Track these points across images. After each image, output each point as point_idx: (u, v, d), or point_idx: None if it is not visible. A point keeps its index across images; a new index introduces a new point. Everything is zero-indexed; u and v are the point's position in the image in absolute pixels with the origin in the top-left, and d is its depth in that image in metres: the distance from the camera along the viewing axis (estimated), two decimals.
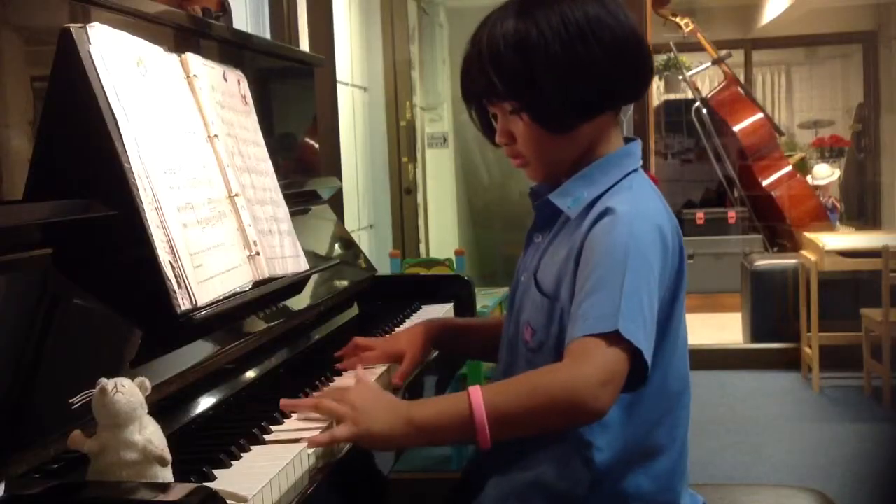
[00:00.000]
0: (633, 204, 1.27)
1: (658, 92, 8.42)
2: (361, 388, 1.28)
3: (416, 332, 1.57)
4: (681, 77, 7.49)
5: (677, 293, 1.30)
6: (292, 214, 1.69)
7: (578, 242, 1.27)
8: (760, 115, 6.95)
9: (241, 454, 1.12)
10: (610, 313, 1.18)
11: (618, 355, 1.17)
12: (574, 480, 1.30)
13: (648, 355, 1.19)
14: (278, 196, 1.65)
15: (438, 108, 5.65)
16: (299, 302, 1.67)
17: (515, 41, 1.27)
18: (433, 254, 5.15)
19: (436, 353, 1.67)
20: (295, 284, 1.64)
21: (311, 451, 1.16)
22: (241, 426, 1.21)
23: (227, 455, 1.10)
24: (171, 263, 1.22)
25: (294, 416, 1.26)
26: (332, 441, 1.19)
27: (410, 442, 1.24)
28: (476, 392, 1.18)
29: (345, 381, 1.47)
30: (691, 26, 6.86)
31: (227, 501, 0.92)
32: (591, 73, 1.27)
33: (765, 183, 6.83)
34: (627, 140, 1.38)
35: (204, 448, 1.13)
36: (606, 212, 1.26)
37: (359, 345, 1.55)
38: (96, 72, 1.21)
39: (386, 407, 1.22)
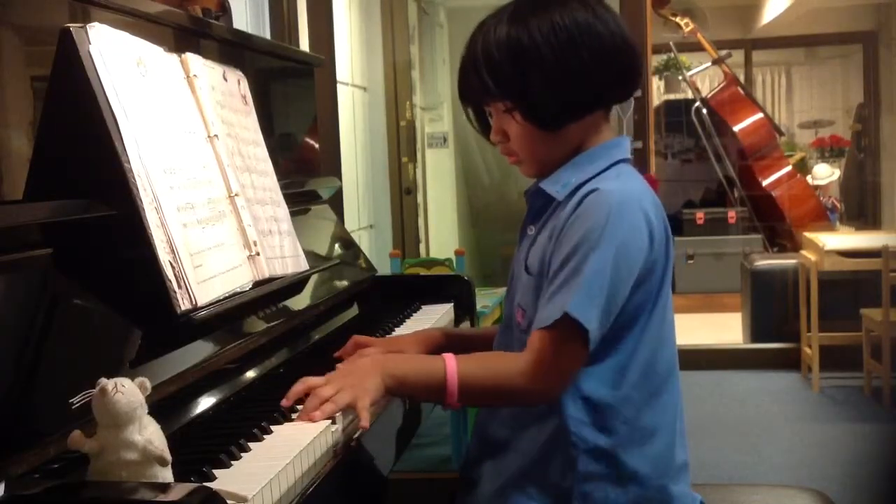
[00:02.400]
0: (617, 186, 1.33)
1: (658, 92, 8.42)
2: (339, 369, 1.37)
3: (418, 336, 1.62)
4: (681, 77, 7.49)
5: (664, 278, 1.36)
6: (292, 214, 1.69)
7: (562, 221, 1.33)
8: (760, 115, 6.95)
9: (241, 454, 1.12)
10: (566, 300, 1.26)
11: (567, 345, 1.28)
12: (568, 465, 1.33)
13: (595, 336, 1.27)
14: (278, 196, 1.65)
15: (438, 108, 5.66)
16: (299, 302, 1.67)
17: (508, 46, 1.35)
18: (433, 254, 5.16)
19: None
20: (295, 284, 1.64)
21: (310, 451, 1.16)
22: (241, 426, 1.20)
23: (227, 455, 1.09)
24: (171, 263, 1.22)
25: (295, 416, 1.26)
26: (335, 409, 1.25)
27: (392, 392, 1.34)
28: (451, 359, 1.32)
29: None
30: (691, 26, 6.86)
31: (227, 501, 0.92)
32: (579, 76, 1.34)
33: (765, 183, 6.83)
34: None
35: (204, 448, 1.13)
36: (591, 193, 1.32)
37: (358, 343, 1.56)
38: (96, 72, 1.21)
39: (367, 366, 1.34)
